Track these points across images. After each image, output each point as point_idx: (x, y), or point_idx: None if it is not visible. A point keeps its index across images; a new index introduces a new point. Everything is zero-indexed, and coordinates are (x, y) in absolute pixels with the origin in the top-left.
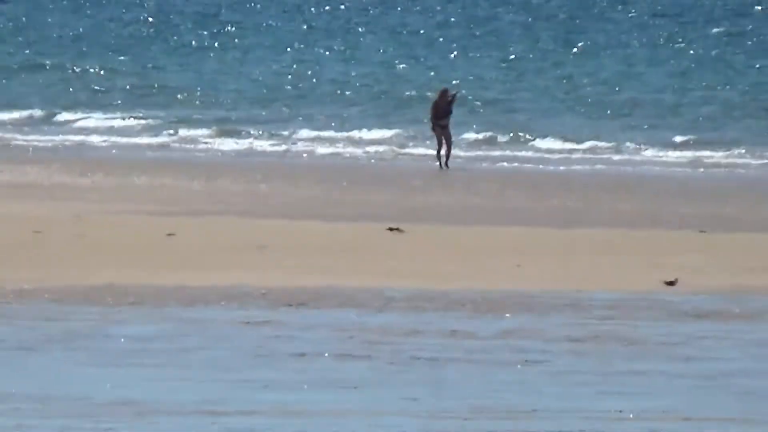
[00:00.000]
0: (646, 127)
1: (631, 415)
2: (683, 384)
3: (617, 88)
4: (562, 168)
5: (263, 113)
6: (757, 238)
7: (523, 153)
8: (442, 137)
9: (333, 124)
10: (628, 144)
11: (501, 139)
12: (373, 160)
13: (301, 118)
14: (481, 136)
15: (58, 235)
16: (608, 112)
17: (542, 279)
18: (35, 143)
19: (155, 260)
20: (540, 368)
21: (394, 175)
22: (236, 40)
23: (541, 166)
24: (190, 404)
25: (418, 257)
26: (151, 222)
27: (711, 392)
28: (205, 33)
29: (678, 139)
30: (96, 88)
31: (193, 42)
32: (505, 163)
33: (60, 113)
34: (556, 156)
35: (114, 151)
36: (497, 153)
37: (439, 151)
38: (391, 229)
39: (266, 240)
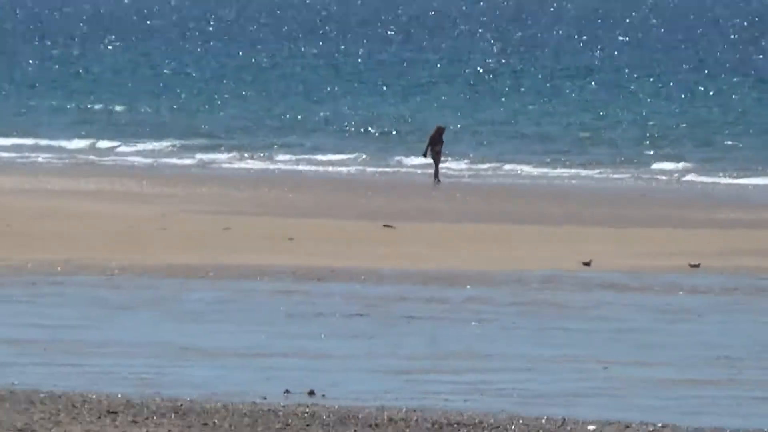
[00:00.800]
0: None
1: (560, 359)
2: (597, 337)
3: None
4: (509, 181)
5: (264, 140)
6: (650, 233)
7: (491, 172)
8: (437, 150)
9: (334, 149)
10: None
11: (470, 162)
12: (377, 175)
13: (308, 144)
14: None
15: (147, 227)
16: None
17: (495, 261)
18: (108, 163)
19: (216, 247)
20: (493, 324)
21: (388, 185)
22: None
23: (494, 181)
24: (241, 349)
25: (409, 246)
26: (212, 220)
27: (616, 343)
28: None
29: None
30: (139, 123)
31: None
32: (479, 180)
33: (119, 144)
34: (510, 174)
35: (166, 170)
36: (472, 171)
37: (435, 161)
38: (385, 226)
39: (293, 233)
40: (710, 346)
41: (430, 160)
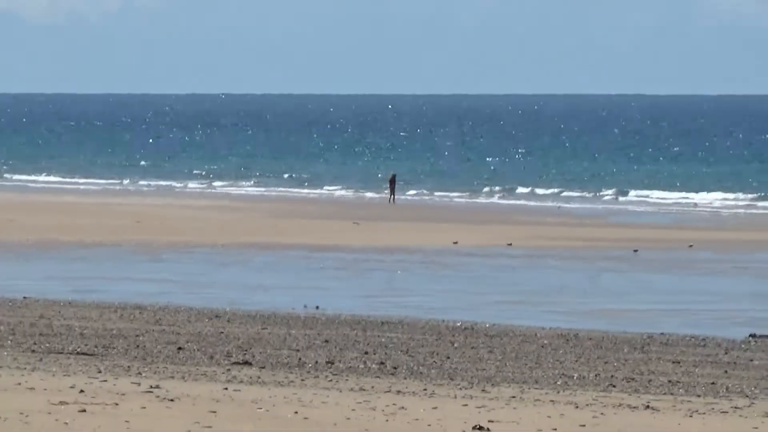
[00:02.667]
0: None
1: (445, 291)
2: (463, 279)
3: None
4: (427, 202)
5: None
6: (488, 227)
7: (417, 198)
8: (392, 189)
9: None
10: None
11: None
12: (353, 198)
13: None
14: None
15: (230, 224)
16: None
17: (412, 241)
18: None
19: (271, 234)
20: (409, 273)
21: (358, 203)
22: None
23: (419, 201)
24: (280, 285)
25: (369, 234)
26: (265, 221)
27: (471, 283)
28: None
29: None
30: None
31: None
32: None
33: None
34: (429, 198)
35: (245, 195)
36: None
37: (391, 196)
38: (354, 223)
39: (309, 227)
40: (516, 283)
41: (387, 191)
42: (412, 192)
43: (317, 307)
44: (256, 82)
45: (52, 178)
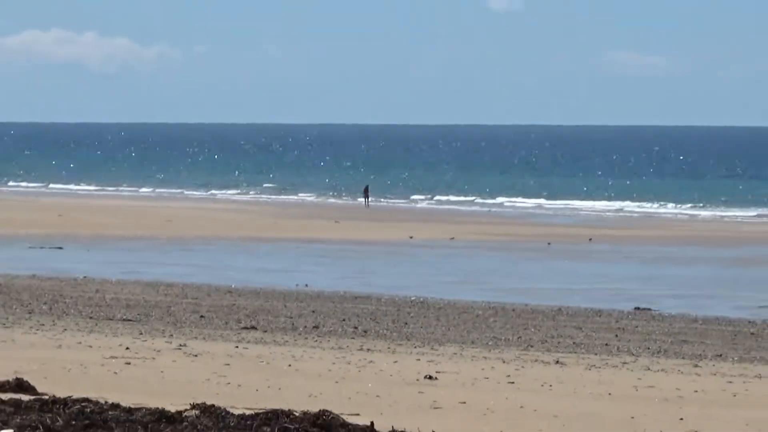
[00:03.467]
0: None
1: (402, 273)
2: (415, 265)
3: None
4: (392, 205)
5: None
6: (438, 225)
7: (386, 203)
8: (367, 197)
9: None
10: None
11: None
12: (335, 203)
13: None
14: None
15: (245, 224)
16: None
17: (382, 236)
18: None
19: (271, 230)
20: (378, 260)
21: (339, 207)
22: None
23: (388, 206)
24: (280, 269)
25: (347, 230)
26: (266, 220)
27: (423, 266)
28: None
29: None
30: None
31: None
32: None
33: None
34: (394, 203)
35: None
36: (381, 202)
37: (366, 200)
38: (336, 222)
39: (301, 225)
40: (457, 268)
41: (362, 198)
42: (381, 199)
43: (306, 285)
44: (259, 114)
45: (108, 188)
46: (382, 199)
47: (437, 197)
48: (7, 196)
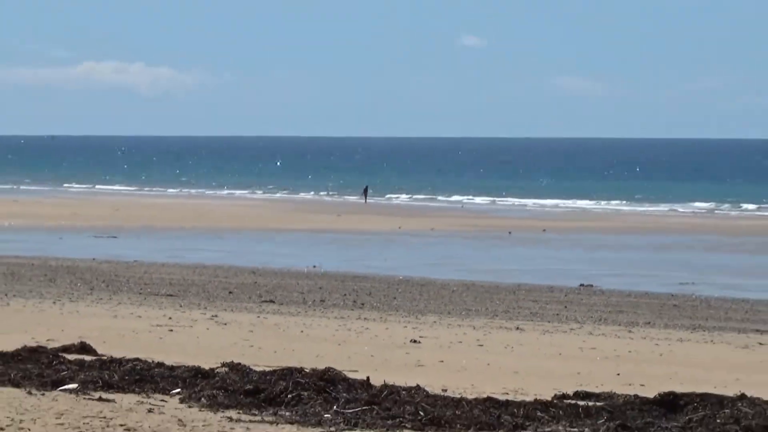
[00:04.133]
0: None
1: (393, 256)
2: (403, 250)
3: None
4: (386, 202)
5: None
6: (423, 219)
7: (383, 200)
8: (366, 195)
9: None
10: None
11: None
12: (340, 199)
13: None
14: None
15: (275, 214)
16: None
17: (377, 227)
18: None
19: (286, 222)
20: (373, 245)
21: (342, 203)
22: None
23: (385, 203)
24: (293, 253)
25: (347, 222)
26: (283, 214)
27: (412, 250)
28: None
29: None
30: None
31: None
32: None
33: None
34: (389, 200)
35: (275, 199)
36: (378, 198)
37: (365, 197)
38: (338, 215)
39: (308, 218)
40: (436, 252)
41: (361, 196)
42: (377, 196)
43: (314, 266)
44: (274, 128)
45: (154, 188)
46: (378, 197)
47: (416, 195)
48: (70, 196)
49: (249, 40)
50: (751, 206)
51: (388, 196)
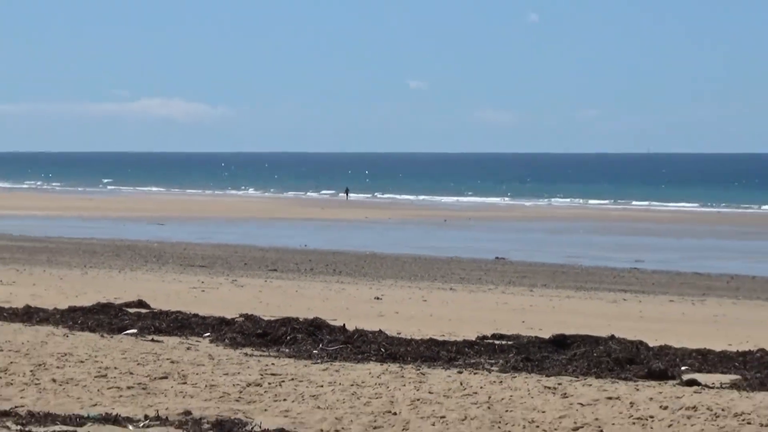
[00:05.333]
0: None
1: (376, 243)
2: (391, 236)
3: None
4: (375, 200)
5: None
6: (390, 211)
7: (368, 198)
8: (347, 194)
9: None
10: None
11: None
12: (326, 197)
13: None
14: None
15: (277, 207)
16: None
17: (357, 216)
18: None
19: (285, 213)
20: (359, 231)
21: (327, 201)
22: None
23: (370, 201)
24: (290, 235)
25: (329, 213)
26: (282, 207)
27: (375, 237)
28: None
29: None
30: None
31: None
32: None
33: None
34: (378, 197)
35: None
36: (363, 196)
37: (347, 196)
38: (321, 208)
39: (301, 210)
40: (393, 235)
41: (343, 194)
42: (354, 194)
43: (305, 245)
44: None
45: (189, 189)
46: (355, 195)
47: (377, 193)
48: (126, 194)
49: (257, 79)
50: (613, 201)
51: (362, 195)
